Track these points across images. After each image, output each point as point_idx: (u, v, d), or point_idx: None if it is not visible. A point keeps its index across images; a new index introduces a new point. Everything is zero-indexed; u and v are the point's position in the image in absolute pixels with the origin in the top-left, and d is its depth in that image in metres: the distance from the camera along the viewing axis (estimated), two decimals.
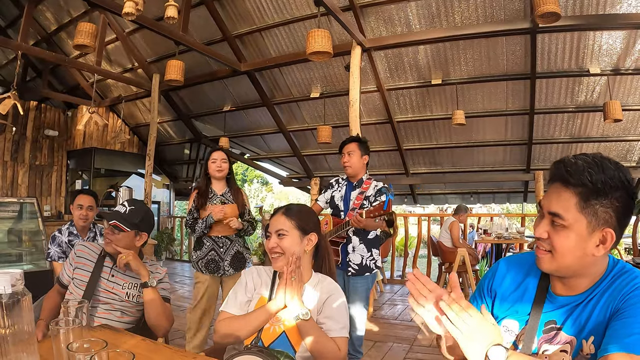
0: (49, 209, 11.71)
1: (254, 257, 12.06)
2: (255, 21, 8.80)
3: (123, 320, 2.85)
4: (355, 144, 4.44)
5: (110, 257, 2.94)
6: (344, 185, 4.48)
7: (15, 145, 11.43)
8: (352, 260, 4.24)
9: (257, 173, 29.61)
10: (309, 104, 10.52)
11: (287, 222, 2.41)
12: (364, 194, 4.31)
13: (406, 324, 6.82)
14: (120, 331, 2.39)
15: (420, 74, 8.87)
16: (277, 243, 2.36)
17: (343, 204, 4.40)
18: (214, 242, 4.49)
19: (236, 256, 4.57)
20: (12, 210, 7.83)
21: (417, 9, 7.73)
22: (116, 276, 2.89)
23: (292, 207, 2.53)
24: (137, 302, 2.88)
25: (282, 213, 2.45)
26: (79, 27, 7.03)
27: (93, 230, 4.95)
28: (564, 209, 1.44)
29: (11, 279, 1.52)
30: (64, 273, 2.98)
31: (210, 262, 4.46)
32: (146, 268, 2.81)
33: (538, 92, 8.60)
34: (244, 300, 2.42)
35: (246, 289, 2.46)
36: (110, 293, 2.84)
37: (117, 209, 2.93)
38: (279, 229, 2.39)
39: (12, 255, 7.57)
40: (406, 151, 10.85)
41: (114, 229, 2.86)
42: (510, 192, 11.98)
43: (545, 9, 5.54)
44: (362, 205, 4.27)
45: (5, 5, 11.04)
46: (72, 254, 3.01)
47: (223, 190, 4.64)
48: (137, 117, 13.13)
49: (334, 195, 4.51)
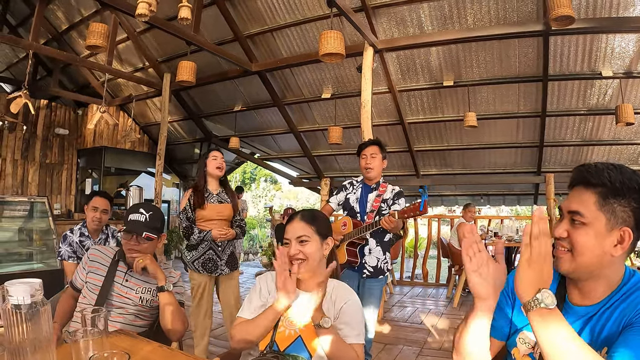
0: (58, 208, 11.73)
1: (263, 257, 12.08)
2: (267, 21, 8.78)
3: (137, 324, 2.84)
4: (377, 147, 4.44)
5: (124, 262, 2.94)
6: (359, 188, 4.46)
7: (25, 143, 11.47)
8: (368, 263, 4.24)
9: (265, 172, 29.56)
10: (320, 104, 10.50)
11: (308, 227, 2.39)
12: (381, 196, 4.29)
13: (416, 326, 6.81)
14: (136, 337, 2.38)
15: (432, 75, 8.83)
16: (299, 249, 2.34)
17: (359, 206, 4.37)
18: (212, 241, 4.47)
19: (231, 256, 4.63)
20: (23, 209, 7.85)
21: (430, 10, 7.69)
22: (130, 281, 2.89)
23: (309, 212, 2.51)
24: (151, 306, 2.87)
25: (300, 219, 2.43)
26: (91, 28, 7.05)
27: (105, 232, 4.97)
28: (584, 207, 1.48)
29: (30, 288, 1.51)
30: (77, 277, 2.98)
31: (208, 262, 4.46)
32: (163, 272, 2.79)
33: (550, 95, 8.54)
34: (258, 304, 2.41)
35: (260, 294, 2.46)
36: (124, 297, 2.83)
37: (137, 218, 2.89)
38: (301, 235, 2.37)
39: (23, 254, 7.60)
40: (417, 152, 10.83)
41: (142, 240, 2.86)
42: (520, 195, 11.92)
43: (559, 12, 5.51)
44: (380, 208, 4.26)
45: (16, 4, 11.07)
46: (85, 258, 3.01)
47: (218, 190, 4.65)
48: (147, 116, 13.15)
49: (349, 197, 4.48)
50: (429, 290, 9.49)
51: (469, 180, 11.38)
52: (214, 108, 12.05)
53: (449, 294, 8.83)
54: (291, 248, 2.36)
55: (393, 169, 11.51)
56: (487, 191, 12.07)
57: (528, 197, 11.83)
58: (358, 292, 4.16)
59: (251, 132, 12.35)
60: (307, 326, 2.21)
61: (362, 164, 4.41)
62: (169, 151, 10.52)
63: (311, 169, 12.87)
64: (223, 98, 11.47)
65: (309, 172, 13.32)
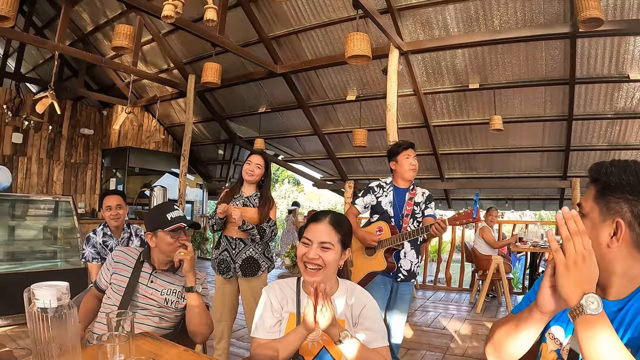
0: (82, 207, 11.84)
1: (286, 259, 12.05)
2: (292, 23, 8.76)
3: (161, 326, 2.83)
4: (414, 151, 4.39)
5: (149, 262, 2.92)
6: (390, 191, 4.38)
7: (51, 143, 11.60)
8: (403, 266, 4.17)
9: (288, 173, 29.60)
10: (344, 106, 10.46)
11: (334, 234, 2.28)
12: (413, 199, 4.25)
13: (439, 331, 6.74)
14: (161, 340, 2.35)
15: (458, 78, 8.75)
16: (319, 255, 2.23)
17: (393, 210, 4.29)
18: (228, 243, 4.44)
19: (247, 261, 4.44)
20: (48, 208, 7.91)
21: (456, 12, 7.62)
22: (155, 282, 2.87)
23: (338, 218, 2.37)
24: (175, 308, 2.85)
25: (329, 222, 2.30)
26: (117, 29, 7.10)
27: (127, 230, 4.97)
28: (584, 200, 1.53)
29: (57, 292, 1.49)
30: (102, 278, 2.97)
31: (222, 263, 4.43)
32: (194, 273, 2.77)
33: (577, 98, 8.42)
34: (272, 322, 2.32)
35: (272, 309, 2.36)
36: (149, 299, 2.82)
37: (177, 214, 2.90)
38: (325, 240, 2.25)
39: (47, 252, 7.65)
40: (442, 156, 10.74)
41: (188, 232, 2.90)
42: (545, 199, 11.77)
43: (588, 14, 5.43)
44: (413, 211, 4.22)
45: (41, 6, 11.19)
46: (109, 259, 3.00)
47: (250, 193, 4.54)
48: (171, 117, 13.21)
49: (380, 200, 4.36)
50: (452, 294, 9.42)
51: (493, 184, 11.27)
52: (238, 109, 12.07)
53: (471, 299, 8.75)
54: (311, 250, 2.24)
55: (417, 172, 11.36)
56: (512, 195, 11.95)
57: (553, 202, 11.69)
58: (390, 297, 4.16)
59: (275, 133, 12.35)
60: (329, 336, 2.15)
61: (407, 165, 4.29)
62: (193, 152, 10.57)
63: (335, 171, 12.83)
64: (247, 99, 11.48)
65: (332, 174, 13.27)
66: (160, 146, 13.15)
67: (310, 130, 11.45)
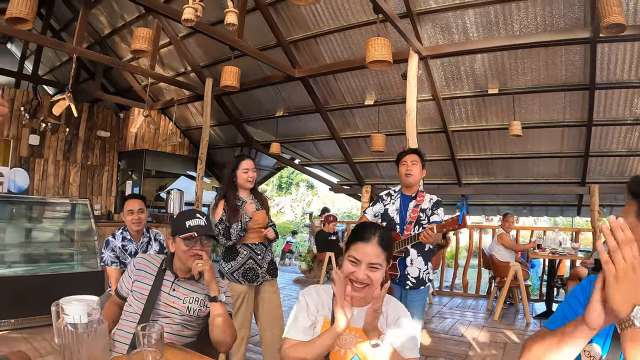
0: (98, 209, 11.89)
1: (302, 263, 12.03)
2: (310, 27, 8.73)
3: (183, 334, 2.82)
4: (417, 156, 4.46)
5: (171, 271, 2.90)
6: (398, 198, 4.42)
7: (67, 145, 11.66)
8: (410, 274, 4.20)
9: (302, 177, 29.60)
10: (362, 111, 10.40)
11: (382, 254, 2.29)
12: (419, 206, 4.26)
13: (457, 339, 6.72)
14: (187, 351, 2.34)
15: (477, 83, 8.68)
16: (367, 275, 2.23)
17: (399, 217, 4.32)
18: (251, 250, 4.40)
19: (272, 263, 4.54)
20: (64, 210, 7.94)
21: (475, 17, 7.56)
22: (177, 290, 2.86)
23: (387, 236, 2.36)
24: (198, 316, 2.84)
25: (377, 244, 2.29)
26: (136, 33, 7.11)
27: (147, 235, 4.99)
28: (624, 216, 1.49)
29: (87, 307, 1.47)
30: (123, 285, 2.97)
31: (249, 271, 4.38)
32: (217, 282, 2.74)
33: (596, 103, 8.31)
34: (307, 324, 2.33)
35: (308, 312, 2.36)
36: (171, 307, 2.81)
37: (198, 223, 2.85)
38: (375, 262, 2.25)
39: (64, 255, 7.68)
40: (460, 161, 10.66)
41: (206, 243, 2.85)
42: (563, 205, 11.65)
43: (611, 20, 5.37)
44: (418, 218, 4.22)
45: (59, 9, 11.24)
46: (131, 266, 2.99)
47: (249, 198, 4.55)
48: (188, 120, 13.21)
49: (388, 208, 4.45)
50: (469, 301, 9.37)
51: (511, 190, 11.16)
52: (255, 113, 12.06)
53: (489, 306, 8.71)
54: (359, 272, 2.24)
55: (435, 177, 11.36)
56: (530, 201, 11.85)
57: (571, 208, 11.57)
58: None
59: (292, 137, 12.33)
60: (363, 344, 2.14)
61: (403, 171, 4.40)
62: (209, 155, 10.55)
63: (352, 176, 12.74)
64: (264, 103, 11.46)
65: (349, 178, 13.19)
66: (176, 149, 13.16)
67: (327, 134, 11.40)
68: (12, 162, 10.38)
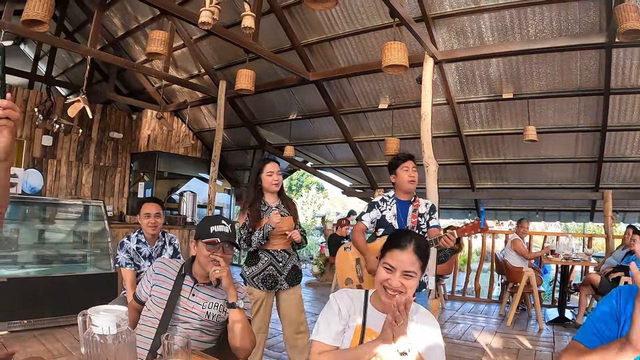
0: (111, 210, 11.92)
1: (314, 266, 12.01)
2: (325, 30, 8.73)
3: (202, 339, 2.82)
4: (414, 162, 4.42)
5: (190, 276, 2.89)
6: (393, 204, 4.40)
7: (80, 146, 11.71)
8: None
9: (313, 179, 29.54)
10: (376, 114, 10.40)
11: (417, 262, 2.29)
12: (417, 211, 4.24)
13: (470, 344, 6.69)
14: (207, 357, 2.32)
15: (492, 87, 8.65)
16: (402, 283, 2.23)
17: (397, 222, 4.31)
18: (272, 257, 4.36)
19: (293, 270, 4.46)
20: (78, 212, 7.96)
21: (491, 21, 7.54)
22: (197, 295, 2.85)
23: (423, 244, 2.37)
24: (217, 321, 2.83)
25: (413, 252, 2.29)
26: (151, 35, 7.13)
27: (162, 239, 4.99)
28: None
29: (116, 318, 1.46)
30: (142, 290, 2.96)
31: (268, 278, 4.33)
32: (235, 288, 2.73)
33: (611, 109, 8.28)
34: (338, 329, 2.31)
35: (340, 316, 2.34)
36: (190, 312, 2.80)
37: (222, 229, 2.84)
38: (410, 270, 2.26)
39: (77, 256, 7.70)
40: (473, 165, 10.64)
41: (228, 250, 2.84)
42: (576, 211, 11.58)
43: (628, 26, 5.34)
44: (418, 222, 4.22)
45: (72, 10, 11.28)
46: (150, 271, 2.99)
47: (276, 202, 4.49)
48: (201, 122, 13.26)
49: (385, 214, 4.42)
50: (481, 306, 9.34)
51: (524, 195, 11.10)
52: (268, 116, 12.09)
53: (501, 311, 8.66)
54: (394, 280, 2.25)
55: (448, 181, 11.35)
56: (543, 206, 11.79)
57: (584, 213, 11.50)
58: None
59: (305, 140, 12.34)
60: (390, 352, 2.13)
61: (405, 177, 4.35)
62: (222, 157, 10.54)
63: (365, 179, 12.74)
64: (278, 106, 11.48)
65: (362, 182, 13.18)
66: (189, 151, 13.20)
67: (341, 137, 11.39)
68: (26, 163, 10.43)
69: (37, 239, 7.50)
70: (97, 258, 7.60)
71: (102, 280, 6.94)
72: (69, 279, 6.78)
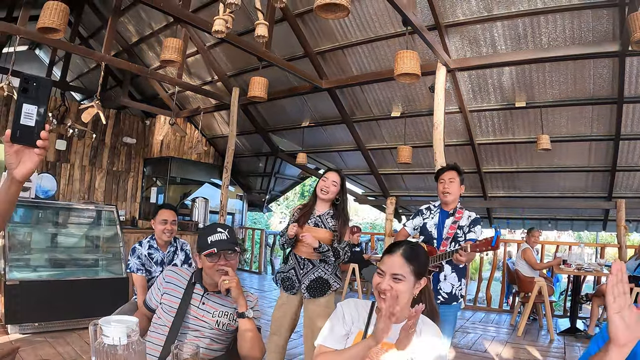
0: (123, 214, 11.98)
1: None
2: (338, 38, 8.76)
3: (212, 347, 2.81)
4: (455, 172, 4.40)
5: (201, 284, 2.89)
6: (437, 213, 4.39)
7: (94, 150, 11.81)
8: (443, 289, 4.19)
9: None
10: (389, 122, 10.40)
11: (406, 266, 2.31)
12: (457, 223, 4.23)
13: (480, 354, 6.66)
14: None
15: (504, 96, 8.62)
16: (391, 286, 2.27)
17: (437, 232, 4.31)
18: (296, 262, 4.37)
19: (316, 281, 4.31)
20: (90, 216, 8.00)
21: (504, 30, 7.52)
22: (207, 304, 2.85)
23: (411, 249, 2.40)
24: (227, 330, 2.82)
25: (401, 255, 2.34)
26: (166, 43, 7.17)
27: (174, 244, 5.01)
28: None
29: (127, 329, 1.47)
30: (152, 297, 2.97)
31: (286, 280, 4.37)
32: (245, 297, 2.73)
33: (625, 117, 8.23)
34: (342, 333, 2.35)
35: (344, 321, 2.39)
36: (200, 320, 2.79)
37: (219, 237, 2.80)
38: (397, 273, 2.30)
39: (89, 260, 7.72)
40: (485, 174, 10.61)
41: (230, 257, 2.81)
42: (589, 220, 11.50)
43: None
44: (455, 234, 4.20)
45: (87, 16, 11.37)
46: (160, 279, 2.99)
47: (323, 211, 4.44)
48: (214, 128, 13.33)
49: (427, 222, 4.42)
50: (492, 315, 9.29)
51: (537, 204, 11.05)
52: (281, 123, 12.13)
53: (512, 321, 8.61)
54: (383, 282, 2.30)
55: None
56: (555, 215, 11.73)
57: (597, 222, 11.43)
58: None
59: (318, 147, 12.35)
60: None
61: (440, 189, 4.37)
62: (234, 163, 10.57)
63: (377, 187, 12.75)
64: (290, 113, 11.51)
65: (374, 189, 13.18)
66: (201, 157, 13.27)
67: (353, 145, 11.41)
68: (39, 167, 10.48)
69: (50, 242, 7.53)
70: (109, 262, 7.63)
71: (114, 285, 6.98)
72: (81, 283, 6.81)
